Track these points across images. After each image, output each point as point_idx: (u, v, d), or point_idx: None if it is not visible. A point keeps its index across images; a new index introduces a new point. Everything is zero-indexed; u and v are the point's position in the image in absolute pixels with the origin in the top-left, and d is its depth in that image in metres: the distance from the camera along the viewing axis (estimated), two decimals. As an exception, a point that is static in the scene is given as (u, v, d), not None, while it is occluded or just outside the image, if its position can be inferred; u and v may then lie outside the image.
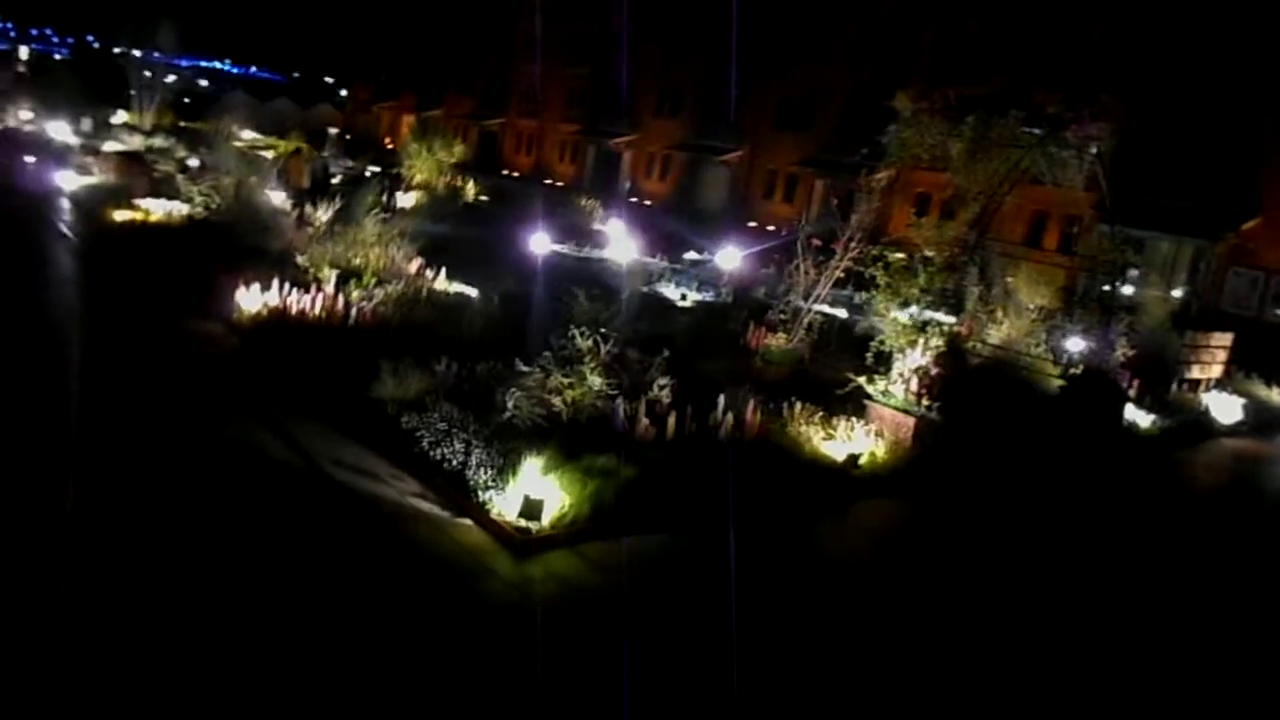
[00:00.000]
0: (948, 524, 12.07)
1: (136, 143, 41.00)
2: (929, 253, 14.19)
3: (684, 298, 24.17)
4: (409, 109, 74.91)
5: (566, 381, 11.74)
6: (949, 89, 15.19)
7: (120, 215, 23.36)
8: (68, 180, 28.15)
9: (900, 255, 14.29)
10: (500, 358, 13.04)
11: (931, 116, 15.13)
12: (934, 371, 13.53)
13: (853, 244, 15.34)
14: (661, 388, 12.30)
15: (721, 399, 12.70)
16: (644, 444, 11.80)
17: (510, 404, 11.43)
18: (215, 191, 23.03)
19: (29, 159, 32.53)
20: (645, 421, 11.94)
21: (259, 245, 19.29)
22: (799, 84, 45.02)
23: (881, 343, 14.08)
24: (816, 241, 16.52)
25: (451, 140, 38.39)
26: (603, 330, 13.17)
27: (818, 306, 16.10)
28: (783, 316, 16.12)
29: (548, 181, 58.59)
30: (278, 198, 24.13)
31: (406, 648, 7.53)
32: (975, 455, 13.26)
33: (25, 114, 46.38)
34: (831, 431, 12.96)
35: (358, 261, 18.17)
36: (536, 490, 9.82)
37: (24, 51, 68.82)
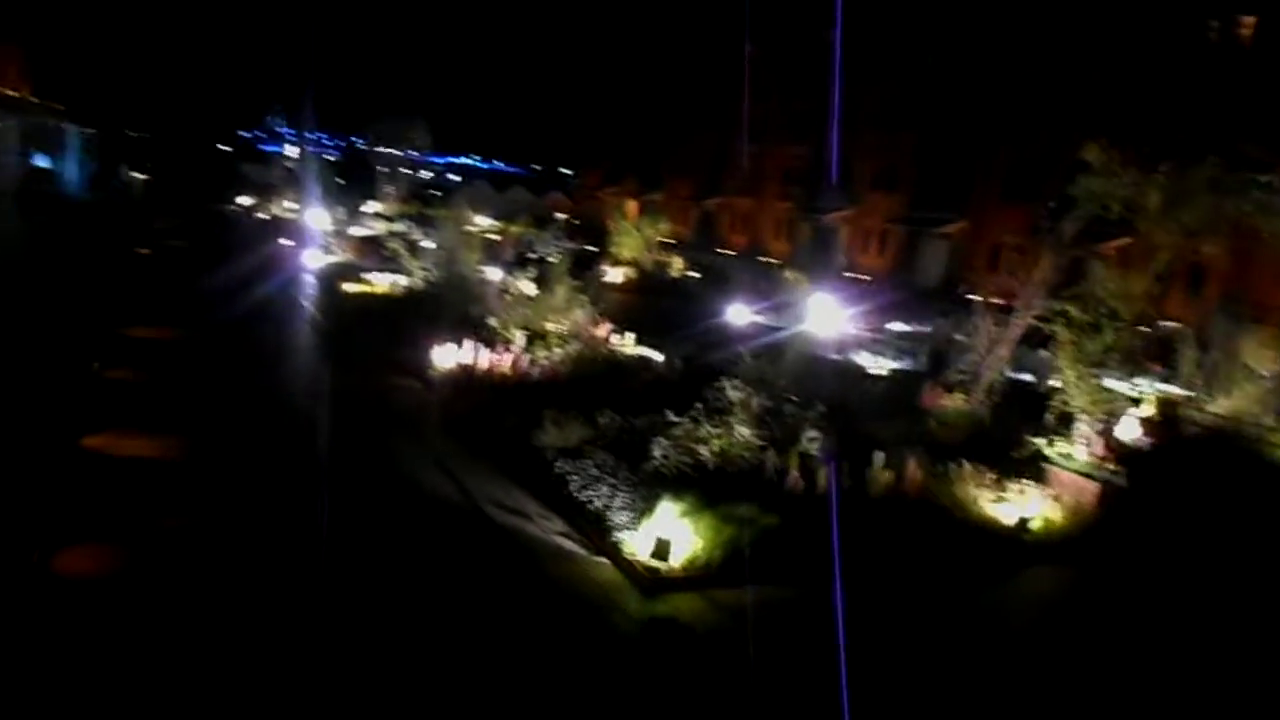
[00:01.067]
0: (1124, 599, 11.01)
1: (379, 228, 45.08)
2: (1116, 308, 13.22)
3: (878, 365, 23.66)
4: (632, 193, 78.24)
5: (714, 432, 11.78)
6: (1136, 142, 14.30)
7: (350, 287, 25.77)
8: (314, 259, 31.36)
9: (1081, 313, 13.40)
10: (661, 411, 13.28)
11: (1124, 166, 14.30)
12: (1136, 434, 12.51)
13: (1034, 301, 14.55)
14: (811, 440, 12.07)
15: (879, 455, 12.29)
16: (793, 496, 11.61)
17: (658, 453, 11.59)
18: (432, 266, 24.96)
19: (286, 242, 36.51)
20: (794, 474, 11.75)
21: (462, 311, 20.63)
22: (1024, 153, 43.41)
23: (1064, 403, 13.18)
24: (996, 301, 15.81)
25: (658, 218, 39.64)
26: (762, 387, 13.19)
27: (1004, 369, 15.32)
28: (961, 377, 15.43)
29: (762, 259, 59.11)
30: (491, 272, 25.78)
31: (529, 668, 7.79)
32: (1169, 527, 12.07)
33: (289, 205, 52.16)
34: (1002, 494, 12.22)
35: (549, 325, 19.05)
36: (668, 532, 9.89)
37: (291, 151, 77.63)
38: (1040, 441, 13.15)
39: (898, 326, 30.78)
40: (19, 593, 8.07)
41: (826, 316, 32.34)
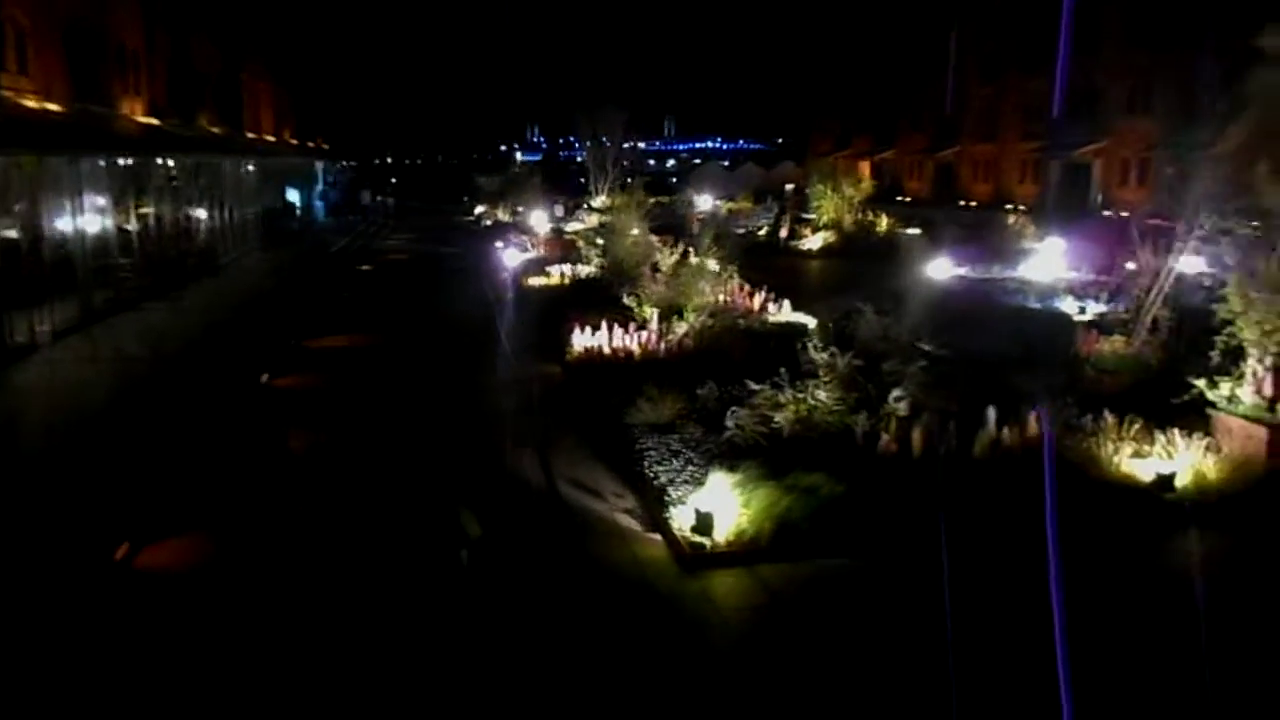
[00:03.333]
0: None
1: (593, 221, 46.19)
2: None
3: (1082, 311, 21.27)
4: (863, 154, 75.44)
5: (790, 397, 10.96)
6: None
7: (533, 281, 26.53)
8: (512, 257, 32.60)
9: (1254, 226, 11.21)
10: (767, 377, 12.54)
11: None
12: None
13: (1197, 221, 12.38)
14: (899, 400, 10.91)
15: (991, 411, 10.94)
16: (883, 461, 10.58)
17: (731, 423, 10.95)
18: (605, 253, 25.20)
19: (497, 244, 38.18)
20: (886, 437, 10.70)
21: (616, 294, 20.63)
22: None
23: (1231, 335, 11.09)
24: (1156, 223, 13.62)
25: (858, 177, 37.81)
26: (886, 343, 12.16)
27: (1171, 303, 13.17)
28: (1124, 316, 13.44)
29: (1008, 206, 55.02)
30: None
31: (527, 651, 7.56)
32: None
33: (517, 208, 54.61)
34: (1144, 447, 10.51)
35: (694, 299, 18.63)
36: (716, 505, 9.29)
37: (518, 158, 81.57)
38: (1201, 383, 11.16)
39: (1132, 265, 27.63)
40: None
41: (1049, 262, 29.70)
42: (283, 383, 16.30)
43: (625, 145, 60.38)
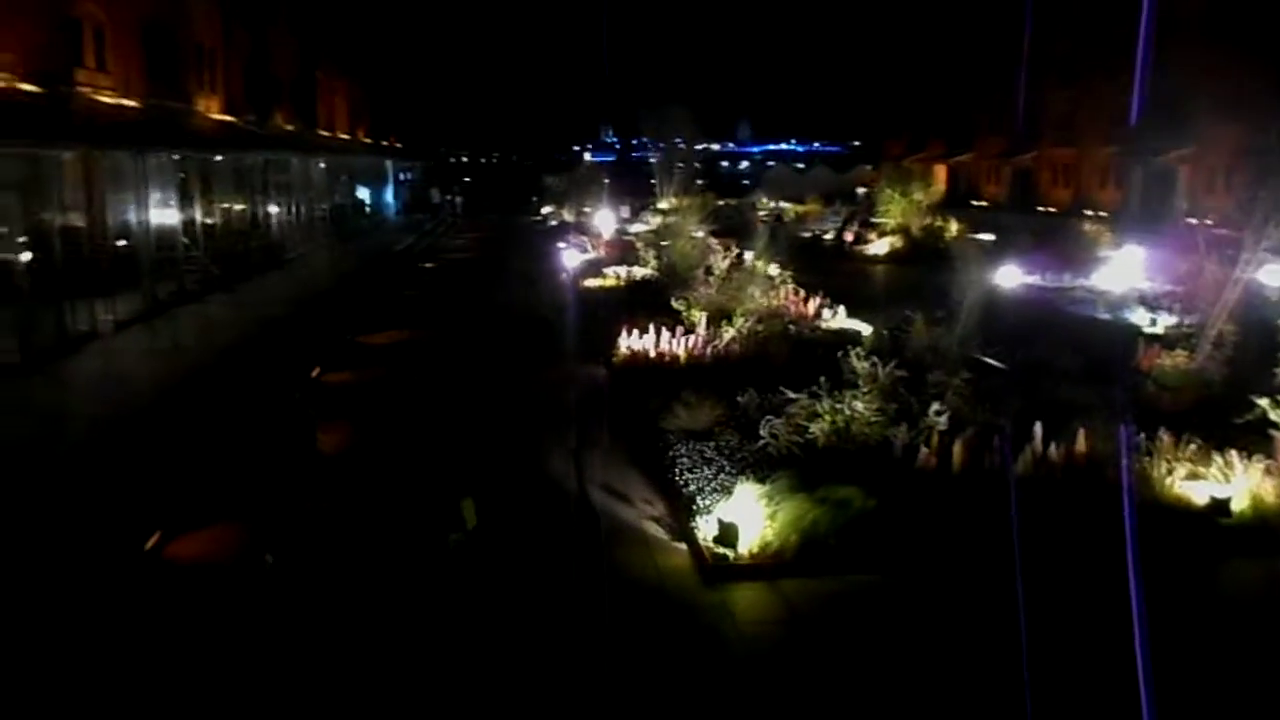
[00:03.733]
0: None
1: (656, 223, 46.07)
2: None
3: (1153, 323, 20.46)
4: (938, 158, 74.02)
5: (827, 407, 10.67)
6: None
7: (589, 282, 26.52)
8: (571, 258, 32.64)
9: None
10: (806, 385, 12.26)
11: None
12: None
13: (1265, 231, 11.74)
14: (939, 414, 10.53)
15: (1038, 426, 10.51)
16: (923, 476, 10.24)
17: (765, 432, 10.71)
18: (662, 255, 25.07)
19: (560, 245, 38.26)
20: (925, 451, 10.35)
21: (669, 297, 20.44)
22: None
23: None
24: (1224, 233, 12.97)
25: (927, 182, 36.98)
26: (934, 354, 11.80)
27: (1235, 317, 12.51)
28: (1187, 330, 12.84)
29: (1087, 212, 53.40)
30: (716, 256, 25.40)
31: (527, 664, 7.45)
32: None
33: (584, 208, 54.74)
34: (1200, 469, 9.98)
35: (745, 304, 18.36)
36: (742, 516, 9.06)
37: (587, 158, 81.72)
38: (1264, 403, 10.57)
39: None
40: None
41: (1124, 271, 28.76)
42: (333, 378, 16.48)
43: (694, 146, 60.12)
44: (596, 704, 6.90)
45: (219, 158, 26.55)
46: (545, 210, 60.63)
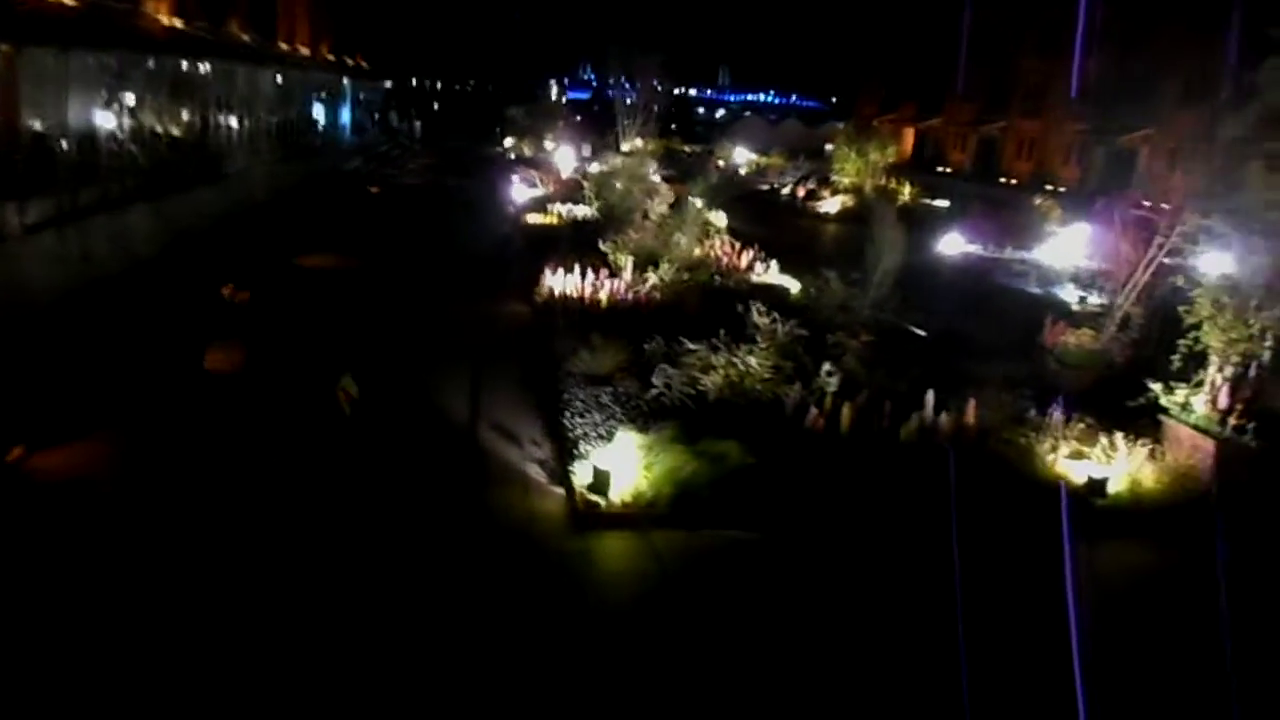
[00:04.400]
0: (1201, 603, 8.59)
1: (615, 163, 45.44)
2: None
3: (1082, 300, 20.55)
4: (908, 120, 73.63)
5: (723, 360, 10.56)
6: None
7: (532, 218, 26.11)
8: (520, 193, 32.11)
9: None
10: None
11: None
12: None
13: (1179, 216, 11.72)
14: (830, 375, 10.47)
15: (930, 395, 10.49)
16: (811, 436, 10.19)
17: (659, 381, 10.58)
18: (606, 197, 24.71)
19: (516, 178, 37.58)
20: (814, 411, 10.29)
21: (606, 237, 20.16)
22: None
23: (1196, 340, 10.49)
24: (1136, 212, 12.96)
25: (886, 143, 36.71)
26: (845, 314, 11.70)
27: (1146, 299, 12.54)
28: (1096, 310, 12.88)
29: (1048, 187, 53.51)
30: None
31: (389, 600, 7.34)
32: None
33: (547, 144, 53.82)
34: (1084, 448, 10.03)
35: (675, 251, 18.14)
36: (614, 464, 8.96)
37: (556, 96, 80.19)
38: (1157, 387, 10.61)
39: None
40: None
41: (1067, 248, 28.88)
42: (241, 297, 16.04)
43: (660, 88, 59.17)
44: (435, 633, 6.82)
45: (155, 63, 25.52)
46: (508, 143, 59.58)
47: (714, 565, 8.25)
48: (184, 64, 28.15)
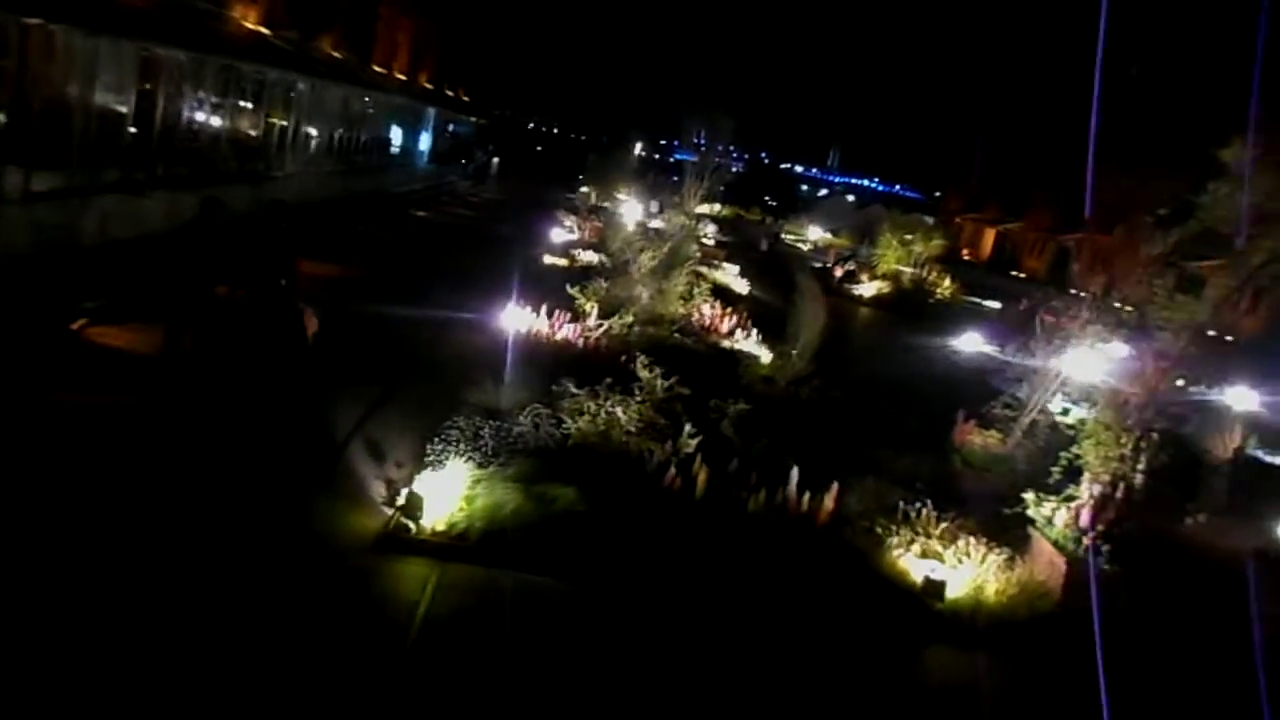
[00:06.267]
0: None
1: (677, 221, 45.81)
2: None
3: (1065, 411, 19.93)
4: (990, 220, 73.00)
5: (591, 408, 10.54)
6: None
7: (550, 260, 26.52)
8: (558, 236, 32.64)
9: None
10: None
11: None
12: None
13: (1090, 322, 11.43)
14: (692, 436, 10.34)
15: (795, 471, 10.27)
16: (666, 494, 10.06)
17: (527, 420, 10.61)
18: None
19: (567, 222, 37.97)
20: (673, 471, 10.16)
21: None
22: None
23: (1076, 455, 10.10)
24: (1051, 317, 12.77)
25: (932, 235, 36.36)
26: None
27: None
28: (1008, 411, 12.51)
29: (1116, 304, 52.28)
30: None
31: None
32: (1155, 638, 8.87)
33: (619, 195, 54.59)
34: (939, 548, 9.68)
35: (649, 307, 18.24)
36: (435, 491, 8.99)
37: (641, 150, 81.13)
38: (1030, 496, 10.23)
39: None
40: None
41: (1090, 362, 28.00)
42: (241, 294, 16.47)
43: (731, 154, 59.56)
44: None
45: (222, 64, 26.79)
46: (582, 190, 60.53)
47: (489, 605, 8.15)
48: (254, 69, 29.43)
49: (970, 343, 27.87)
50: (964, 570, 9.43)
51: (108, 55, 19.73)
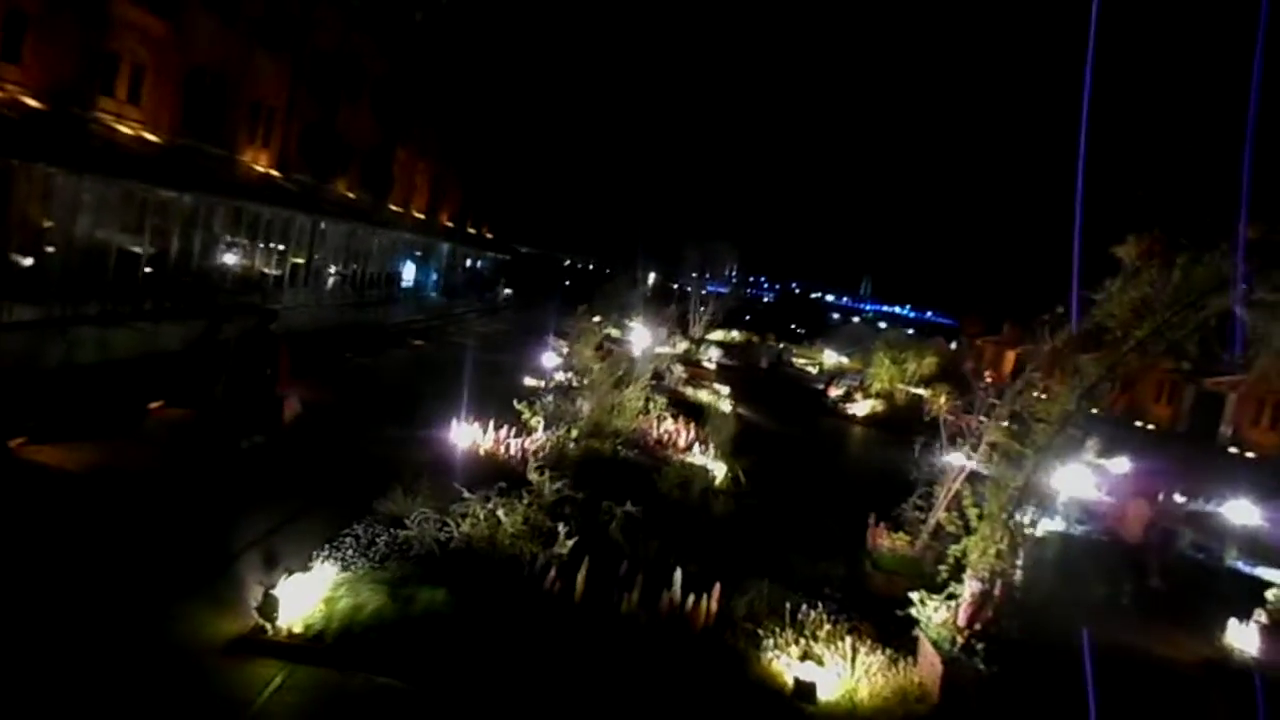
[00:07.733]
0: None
1: (681, 347, 46.36)
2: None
3: (1032, 524, 19.51)
4: (1009, 343, 72.89)
5: (479, 512, 10.55)
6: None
7: (531, 382, 26.86)
8: (549, 360, 33.02)
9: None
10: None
11: (1163, 266, 10.87)
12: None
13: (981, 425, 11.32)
14: (568, 538, 10.26)
15: (678, 574, 10.14)
16: (544, 597, 9.95)
17: (413, 524, 10.63)
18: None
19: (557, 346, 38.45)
20: (553, 574, 10.07)
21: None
22: None
23: (963, 553, 9.85)
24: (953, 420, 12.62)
25: (925, 353, 36.34)
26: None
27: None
28: (918, 514, 12.28)
29: (1138, 424, 51.49)
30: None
31: None
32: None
33: (628, 323, 55.45)
34: (819, 650, 9.42)
35: (601, 422, 18.34)
36: (296, 592, 8.98)
37: (651, 278, 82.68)
38: (916, 596, 9.94)
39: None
40: None
41: (1074, 478, 27.58)
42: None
43: (746, 286, 60.71)
44: None
45: (227, 205, 28.08)
46: (595, 319, 61.43)
47: (326, 707, 8.03)
48: (254, 207, 30.74)
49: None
50: (842, 672, 9.14)
51: (91, 194, 20.80)
